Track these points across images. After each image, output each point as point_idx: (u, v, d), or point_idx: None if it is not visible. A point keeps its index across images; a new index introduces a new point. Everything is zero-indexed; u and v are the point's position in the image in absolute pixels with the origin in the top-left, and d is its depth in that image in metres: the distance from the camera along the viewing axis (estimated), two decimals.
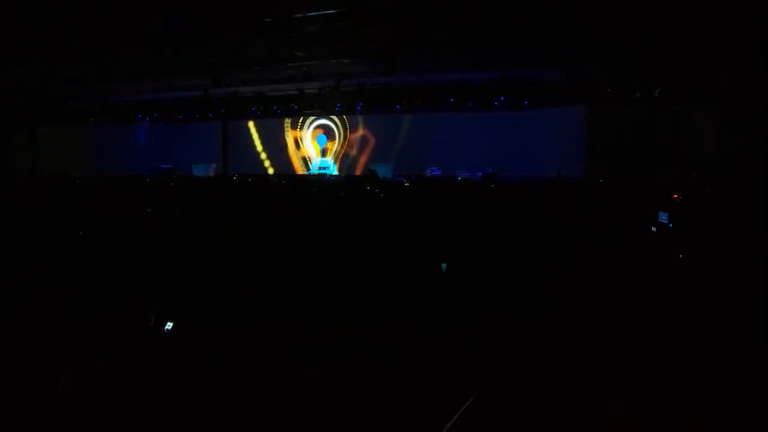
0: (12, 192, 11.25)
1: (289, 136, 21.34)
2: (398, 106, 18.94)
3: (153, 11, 9.80)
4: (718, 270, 4.78)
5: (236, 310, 3.68)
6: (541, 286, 4.25)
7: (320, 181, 16.43)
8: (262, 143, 21.80)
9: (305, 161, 21.20)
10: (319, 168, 20.57)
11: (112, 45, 11.92)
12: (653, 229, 6.20)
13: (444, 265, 4.31)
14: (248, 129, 21.74)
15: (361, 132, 20.33)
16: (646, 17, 10.02)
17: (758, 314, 3.82)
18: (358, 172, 19.81)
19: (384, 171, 17.71)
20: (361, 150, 20.29)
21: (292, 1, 9.62)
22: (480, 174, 17.37)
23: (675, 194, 8.57)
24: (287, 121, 21.25)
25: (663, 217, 6.23)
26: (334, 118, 20.50)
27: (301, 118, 21.04)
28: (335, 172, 20.35)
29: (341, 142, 20.52)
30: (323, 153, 20.78)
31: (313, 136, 21.09)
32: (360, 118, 20.21)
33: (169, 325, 3.44)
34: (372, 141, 20.11)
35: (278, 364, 3.17)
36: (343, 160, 20.60)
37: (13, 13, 9.91)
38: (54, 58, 12.98)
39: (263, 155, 21.78)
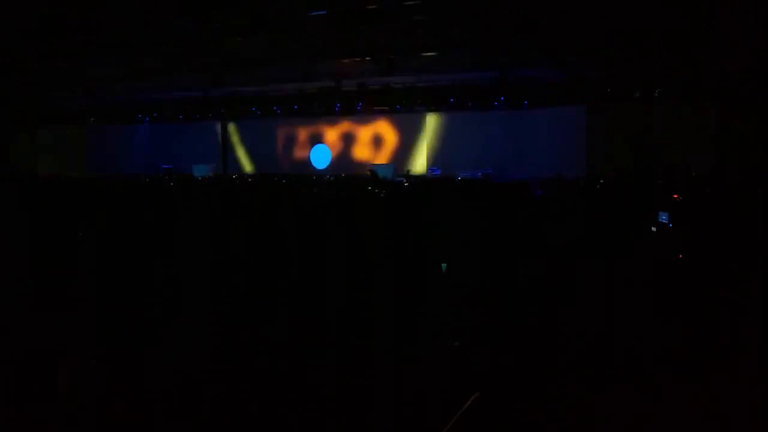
0: (12, 192, 11.25)
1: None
2: (398, 106, 18.93)
3: (153, 11, 9.80)
4: (717, 270, 4.78)
5: (236, 310, 3.68)
6: (541, 285, 4.25)
7: (322, 181, 16.42)
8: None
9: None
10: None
11: (112, 45, 11.91)
12: (653, 229, 6.20)
13: (444, 265, 4.31)
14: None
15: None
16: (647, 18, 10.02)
17: (758, 314, 3.82)
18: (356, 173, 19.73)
19: (384, 171, 17.68)
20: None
21: (293, 1, 9.61)
22: (480, 174, 17.36)
23: (675, 194, 8.55)
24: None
25: (663, 217, 6.22)
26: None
27: None
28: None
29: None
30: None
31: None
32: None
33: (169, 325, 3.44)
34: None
35: (278, 365, 3.16)
36: (341, 160, 20.53)
37: (14, 14, 9.91)
38: (54, 58, 12.97)
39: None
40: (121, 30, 11.02)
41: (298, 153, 20.93)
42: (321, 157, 20.66)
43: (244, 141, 21.58)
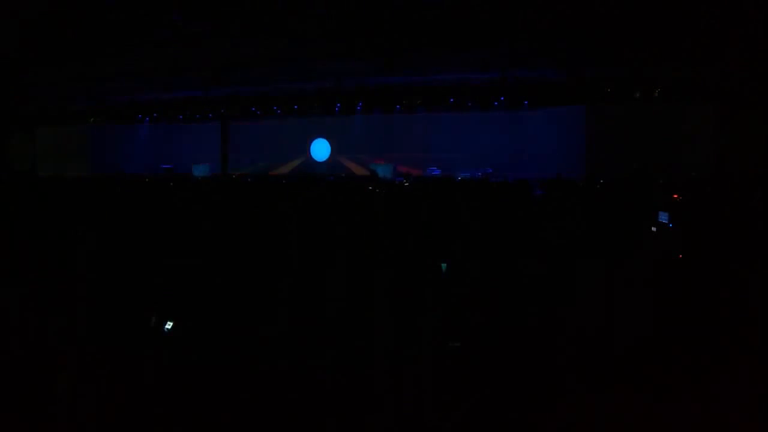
0: (11, 192, 11.25)
1: None
2: (398, 106, 18.93)
3: (153, 11, 9.80)
4: (717, 270, 4.78)
5: (236, 310, 3.68)
6: (541, 286, 4.24)
7: (323, 180, 16.41)
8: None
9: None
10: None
11: (112, 45, 11.91)
12: (653, 229, 6.20)
13: (444, 265, 4.31)
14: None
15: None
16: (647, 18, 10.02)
17: (758, 314, 3.82)
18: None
19: (384, 171, 17.68)
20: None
21: (292, 1, 9.61)
22: (480, 174, 17.37)
23: (675, 194, 8.57)
24: None
25: (663, 217, 6.23)
26: None
27: None
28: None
29: None
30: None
31: None
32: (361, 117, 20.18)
33: (169, 325, 3.44)
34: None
35: (278, 365, 3.16)
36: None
37: (15, 14, 9.90)
38: (54, 58, 12.97)
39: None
40: (121, 30, 11.01)
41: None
42: (320, 151, 20.79)
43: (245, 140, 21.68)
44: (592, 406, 3.07)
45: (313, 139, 20.91)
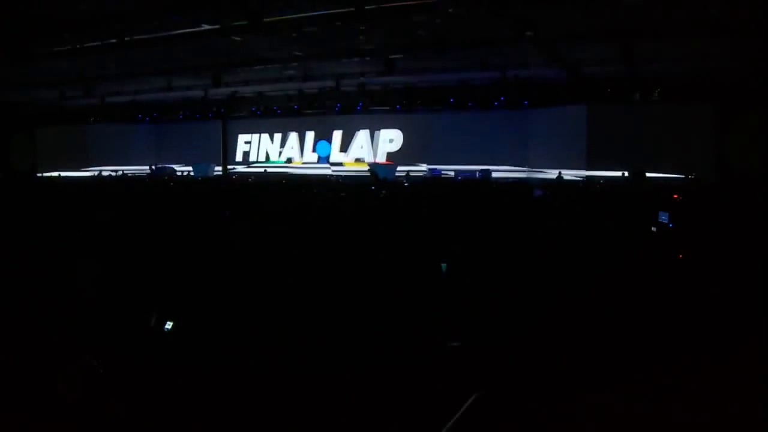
0: (11, 192, 11.24)
1: None
2: (398, 106, 18.93)
3: (153, 11, 9.81)
4: (718, 270, 4.78)
5: (236, 310, 3.68)
6: (541, 286, 4.25)
7: (323, 181, 16.43)
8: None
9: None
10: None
11: (112, 45, 11.90)
12: (653, 229, 6.20)
13: (444, 265, 4.31)
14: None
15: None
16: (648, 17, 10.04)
17: (758, 314, 3.82)
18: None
19: (385, 172, 17.69)
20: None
21: (293, 2, 9.61)
22: (480, 174, 17.38)
23: (675, 194, 8.57)
24: None
25: (663, 217, 6.23)
26: None
27: None
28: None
29: None
30: None
31: None
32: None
33: (169, 325, 3.44)
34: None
35: (277, 365, 3.17)
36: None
37: (15, 13, 9.91)
38: (54, 58, 12.97)
39: None
40: (120, 30, 11.01)
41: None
42: (321, 151, 20.96)
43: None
44: (592, 406, 3.07)
45: (314, 140, 20.98)
